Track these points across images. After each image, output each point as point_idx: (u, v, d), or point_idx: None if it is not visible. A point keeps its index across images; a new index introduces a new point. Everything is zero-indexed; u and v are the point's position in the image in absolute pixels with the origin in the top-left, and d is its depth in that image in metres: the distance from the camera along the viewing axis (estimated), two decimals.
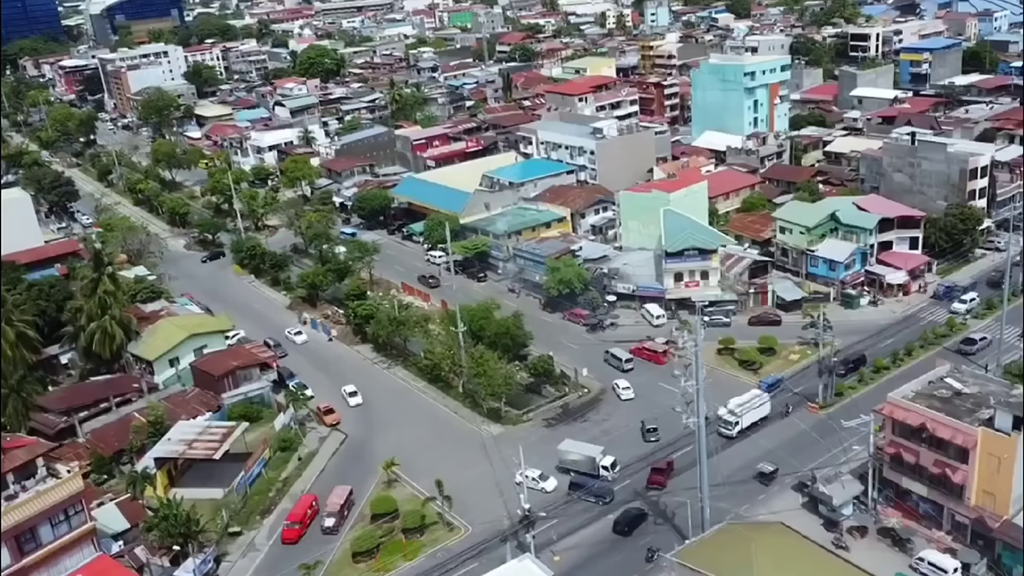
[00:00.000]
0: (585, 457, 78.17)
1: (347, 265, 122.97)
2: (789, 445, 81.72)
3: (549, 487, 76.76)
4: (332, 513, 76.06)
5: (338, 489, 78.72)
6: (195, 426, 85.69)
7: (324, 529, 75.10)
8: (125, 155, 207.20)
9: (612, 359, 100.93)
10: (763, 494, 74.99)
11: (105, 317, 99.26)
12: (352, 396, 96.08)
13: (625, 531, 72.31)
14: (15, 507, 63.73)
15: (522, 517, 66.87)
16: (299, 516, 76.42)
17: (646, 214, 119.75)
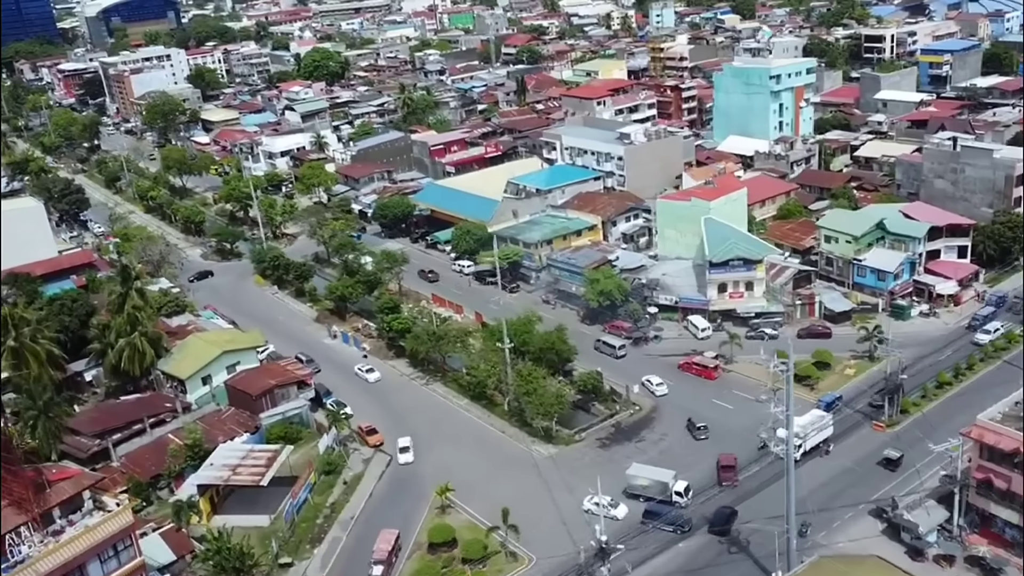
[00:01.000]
0: (657, 482, 74.88)
1: (377, 276, 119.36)
2: (857, 467, 78.60)
3: (620, 514, 73.37)
4: (380, 560, 70.10)
5: (384, 533, 72.95)
6: (237, 449, 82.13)
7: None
8: (132, 161, 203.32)
9: (604, 346, 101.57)
10: (838, 521, 71.78)
11: (135, 334, 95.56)
12: (403, 452, 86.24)
13: (721, 530, 71.09)
14: (64, 544, 60.09)
15: (598, 549, 63.50)
16: None
17: (684, 223, 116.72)
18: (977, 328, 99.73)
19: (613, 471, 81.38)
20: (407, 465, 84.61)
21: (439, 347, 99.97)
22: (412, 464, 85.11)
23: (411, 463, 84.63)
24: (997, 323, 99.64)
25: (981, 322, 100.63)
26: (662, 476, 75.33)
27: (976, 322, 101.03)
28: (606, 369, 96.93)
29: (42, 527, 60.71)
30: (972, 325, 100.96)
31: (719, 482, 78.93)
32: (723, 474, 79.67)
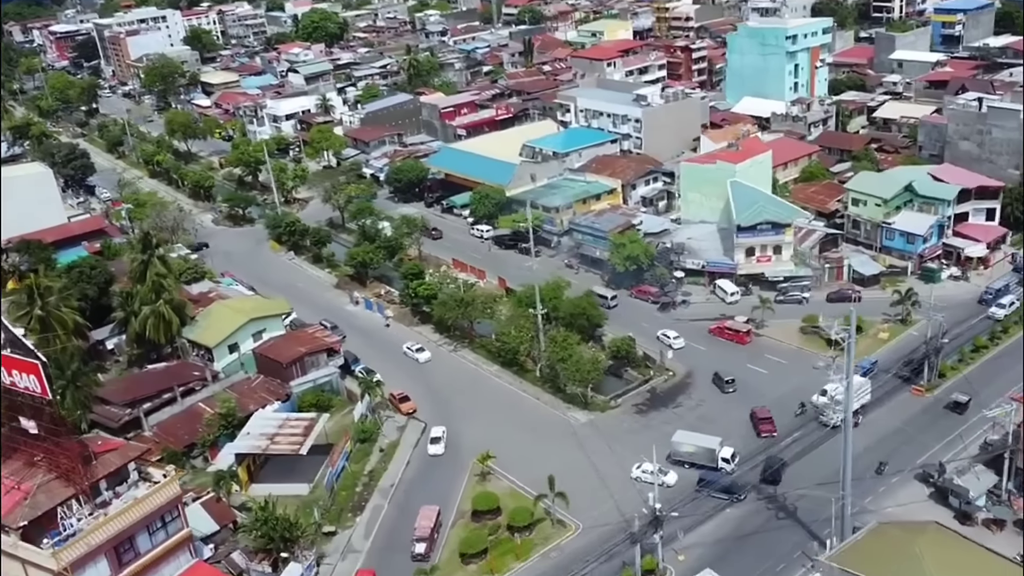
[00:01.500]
0: (703, 449, 74.29)
1: (398, 242, 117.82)
2: (900, 432, 78.23)
3: (671, 481, 72.86)
4: (422, 538, 68.80)
5: (425, 510, 71.50)
6: (273, 418, 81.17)
7: (414, 556, 68.11)
8: (134, 125, 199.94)
9: (598, 298, 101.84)
10: (884, 486, 71.51)
11: (159, 301, 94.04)
12: (434, 443, 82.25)
13: (774, 479, 72.67)
14: (115, 516, 59.29)
15: (651, 516, 63.04)
16: None
17: (709, 186, 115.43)
18: (991, 302, 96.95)
19: (653, 437, 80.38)
20: (436, 457, 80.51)
21: (467, 313, 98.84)
22: (451, 431, 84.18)
23: (440, 455, 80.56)
24: (1012, 296, 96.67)
25: (993, 296, 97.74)
26: (709, 443, 74.79)
27: (988, 295, 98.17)
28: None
29: (90, 499, 59.86)
30: (984, 299, 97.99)
31: (757, 434, 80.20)
32: (761, 426, 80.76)
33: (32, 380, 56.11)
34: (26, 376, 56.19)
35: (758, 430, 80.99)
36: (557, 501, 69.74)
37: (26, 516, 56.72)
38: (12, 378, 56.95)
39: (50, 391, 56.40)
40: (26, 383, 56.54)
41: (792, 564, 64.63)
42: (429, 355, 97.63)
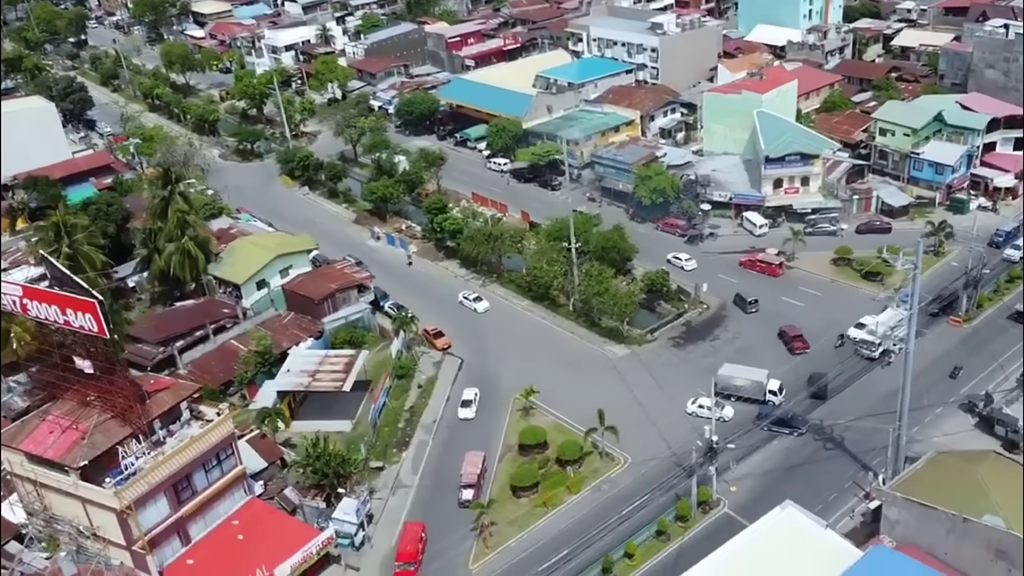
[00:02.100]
0: (752, 382, 74.18)
1: (418, 176, 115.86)
2: (940, 363, 78.36)
3: (728, 415, 72.86)
4: (469, 484, 67.89)
5: (471, 456, 70.44)
6: (312, 355, 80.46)
7: (461, 503, 67.28)
8: (127, 58, 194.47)
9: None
10: (929, 416, 71.86)
11: (184, 238, 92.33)
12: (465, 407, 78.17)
13: (821, 395, 74.27)
14: (174, 454, 58.79)
15: (707, 448, 63.18)
16: (412, 554, 62.87)
17: (733, 117, 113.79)
18: (1002, 245, 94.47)
19: (692, 370, 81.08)
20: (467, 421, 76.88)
21: (496, 247, 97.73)
22: (488, 367, 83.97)
23: (471, 419, 76.93)
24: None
25: (1004, 239, 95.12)
26: (756, 375, 74.71)
27: (999, 238, 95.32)
28: None
29: (147, 439, 59.24)
30: (994, 242, 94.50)
31: (791, 352, 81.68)
32: (794, 343, 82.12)
33: (88, 319, 54.88)
34: (81, 315, 54.93)
35: (791, 347, 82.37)
36: (606, 435, 69.71)
37: (86, 456, 56.09)
38: (66, 317, 55.63)
39: (107, 329, 55.18)
40: (81, 322, 55.30)
41: (844, 493, 65.22)
42: (488, 305, 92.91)
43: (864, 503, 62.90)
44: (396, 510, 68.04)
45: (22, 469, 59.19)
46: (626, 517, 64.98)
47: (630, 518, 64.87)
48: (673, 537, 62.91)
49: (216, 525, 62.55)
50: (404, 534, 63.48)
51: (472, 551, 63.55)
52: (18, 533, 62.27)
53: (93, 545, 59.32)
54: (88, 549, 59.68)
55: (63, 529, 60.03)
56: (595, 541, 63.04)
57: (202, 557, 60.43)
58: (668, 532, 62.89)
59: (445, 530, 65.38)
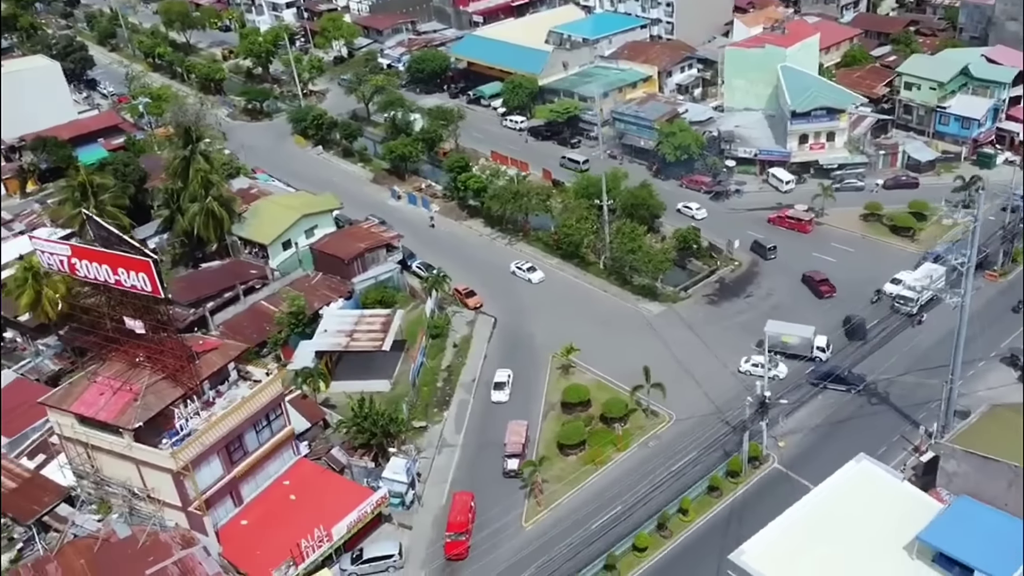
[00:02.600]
0: (801, 339, 73.83)
1: (437, 134, 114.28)
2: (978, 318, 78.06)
3: (782, 374, 72.46)
4: (515, 454, 66.44)
5: (514, 425, 68.79)
6: (348, 315, 79.67)
7: (507, 473, 65.95)
8: (124, 16, 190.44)
9: (570, 163, 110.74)
10: (972, 370, 71.84)
11: (208, 198, 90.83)
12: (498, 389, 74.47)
13: (861, 336, 76.00)
14: (227, 415, 58.17)
15: (759, 404, 63.09)
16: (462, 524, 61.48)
17: (756, 72, 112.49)
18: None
19: (728, 327, 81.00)
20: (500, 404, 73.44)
21: (522, 205, 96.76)
22: (522, 326, 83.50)
23: (504, 403, 73.60)
24: None
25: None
26: (804, 332, 74.35)
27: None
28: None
29: (198, 399, 58.58)
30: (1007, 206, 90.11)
31: (818, 296, 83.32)
32: (821, 287, 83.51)
33: (142, 278, 53.84)
34: (135, 274, 53.87)
35: (818, 292, 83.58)
36: (651, 392, 69.49)
37: (140, 417, 55.35)
38: (118, 276, 54.57)
39: (161, 288, 54.20)
40: (134, 281, 54.27)
41: (893, 447, 65.36)
42: (543, 275, 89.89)
43: (915, 456, 63.07)
44: (443, 469, 67.78)
45: (72, 432, 58.45)
46: (676, 473, 64.92)
47: (680, 474, 64.79)
48: (725, 493, 62.91)
49: (267, 485, 62.20)
50: (453, 504, 62.48)
51: (524, 509, 63.37)
52: (68, 495, 61.66)
53: (146, 507, 58.85)
54: (141, 511, 59.23)
55: (115, 491, 59.51)
56: (648, 498, 62.96)
57: (255, 517, 60.11)
58: (720, 488, 62.86)
59: (494, 489, 65.15)
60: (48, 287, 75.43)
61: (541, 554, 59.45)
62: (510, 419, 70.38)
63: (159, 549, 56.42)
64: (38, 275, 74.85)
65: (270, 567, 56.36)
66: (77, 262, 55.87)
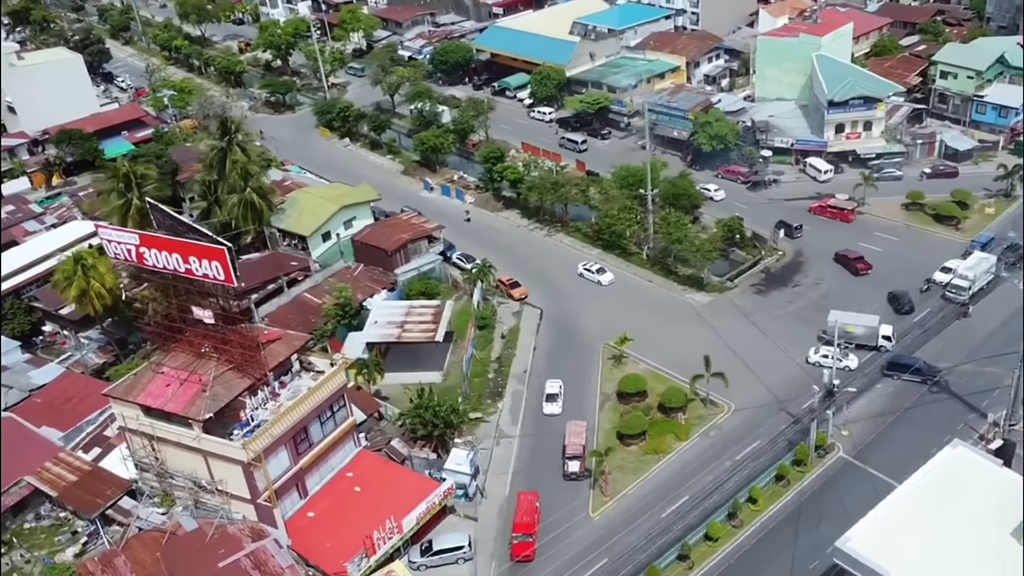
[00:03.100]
0: (866, 328, 73.04)
1: (469, 125, 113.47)
2: None
3: (853, 364, 71.74)
4: (576, 456, 64.12)
5: (573, 426, 66.57)
6: (397, 306, 78.97)
7: (568, 475, 63.88)
8: (135, 9, 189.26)
9: (568, 143, 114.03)
10: None
11: (247, 189, 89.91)
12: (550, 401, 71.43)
13: (909, 310, 77.74)
14: (295, 406, 57.44)
15: (826, 393, 62.56)
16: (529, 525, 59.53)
17: (789, 61, 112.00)
18: None
19: (779, 316, 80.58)
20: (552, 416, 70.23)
21: (561, 196, 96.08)
22: (569, 316, 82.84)
23: (557, 415, 70.25)
24: None
25: None
26: (869, 321, 73.62)
27: None
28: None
29: (265, 390, 57.82)
30: None
31: (854, 274, 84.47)
32: (856, 265, 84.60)
33: (215, 266, 53.07)
34: (207, 262, 53.07)
35: (854, 270, 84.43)
36: (712, 381, 68.92)
37: (210, 408, 54.62)
38: (189, 265, 53.76)
39: (235, 277, 53.42)
40: (206, 270, 53.47)
41: (958, 436, 64.49)
42: (612, 277, 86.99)
43: (981, 444, 62.60)
44: (503, 460, 67.10)
45: (136, 423, 57.63)
46: (741, 463, 64.43)
47: (744, 463, 64.32)
48: (793, 482, 62.40)
49: (330, 477, 61.54)
50: (519, 504, 60.91)
51: (590, 500, 62.77)
52: (129, 488, 60.85)
53: (212, 499, 58.10)
54: (206, 504, 58.49)
55: (179, 484, 58.75)
56: (714, 487, 62.48)
57: (322, 509, 59.43)
58: (788, 477, 62.36)
59: (556, 479, 64.45)
60: (95, 279, 74.42)
61: (612, 544, 58.87)
62: (568, 417, 69.25)
63: (229, 542, 55.73)
64: (86, 267, 73.85)
65: (341, 559, 55.62)
66: (146, 251, 55.00)
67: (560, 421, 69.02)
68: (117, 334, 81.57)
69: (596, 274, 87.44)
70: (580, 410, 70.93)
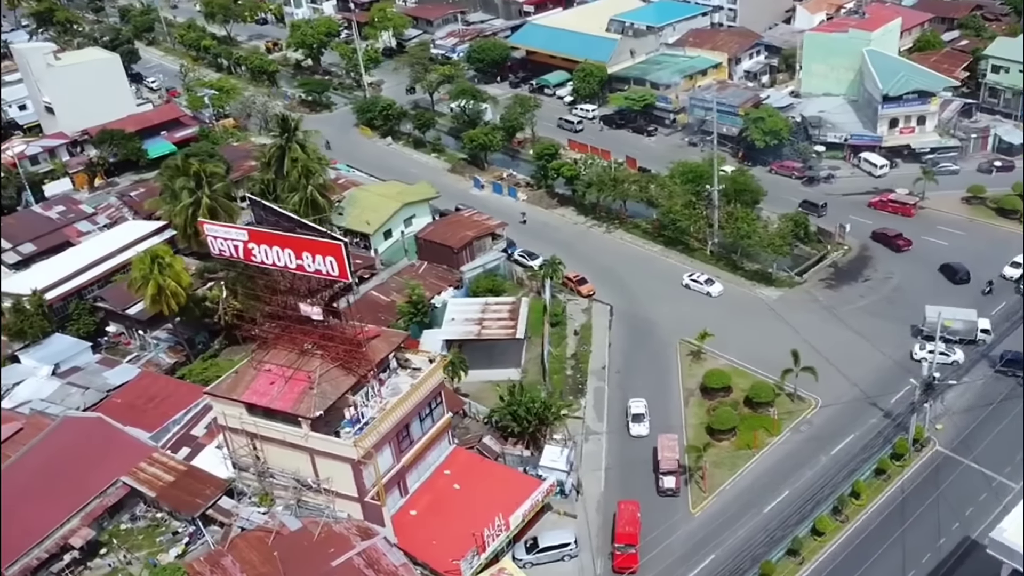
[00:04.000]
0: (965, 322, 72.32)
1: (518, 122, 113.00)
2: None
3: (960, 359, 71.33)
4: (670, 471, 61.90)
5: (665, 440, 64.05)
6: (472, 303, 78.37)
7: (662, 491, 61.88)
8: (155, 9, 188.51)
9: (565, 123, 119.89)
10: None
11: (309, 187, 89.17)
12: (637, 421, 68.48)
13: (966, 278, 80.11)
14: (399, 403, 56.86)
15: (925, 386, 62.27)
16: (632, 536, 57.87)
17: (837, 57, 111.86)
18: None
19: (855, 311, 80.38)
20: (639, 438, 67.37)
21: (621, 192, 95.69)
22: (639, 313, 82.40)
23: (645, 436, 67.36)
24: None
25: None
26: (968, 315, 72.99)
27: None
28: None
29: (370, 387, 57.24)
30: None
31: (896, 250, 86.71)
32: (897, 242, 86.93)
33: (329, 262, 52.46)
34: (321, 258, 52.45)
35: (895, 247, 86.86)
36: (802, 376, 68.53)
37: (320, 406, 53.94)
38: (301, 261, 53.13)
39: (349, 272, 52.86)
40: (319, 265, 52.86)
41: None
42: (722, 288, 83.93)
43: None
44: (594, 456, 66.64)
45: (239, 422, 56.93)
46: (836, 457, 64.13)
47: (841, 458, 64.00)
48: (893, 476, 62.03)
49: (428, 475, 60.95)
50: (620, 514, 58.68)
51: (689, 496, 62.31)
52: (228, 488, 60.14)
53: (315, 498, 57.44)
54: (308, 503, 57.83)
55: (281, 483, 58.07)
56: (814, 482, 62.14)
57: (424, 507, 58.86)
58: (888, 471, 62.00)
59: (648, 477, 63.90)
60: (170, 277, 73.71)
61: (716, 539, 58.52)
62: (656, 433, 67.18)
63: (337, 541, 55.09)
64: (162, 267, 73.14)
65: (450, 557, 55.06)
66: (255, 247, 54.26)
67: (648, 442, 66.43)
68: (185, 333, 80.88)
69: (704, 285, 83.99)
70: (665, 407, 70.56)
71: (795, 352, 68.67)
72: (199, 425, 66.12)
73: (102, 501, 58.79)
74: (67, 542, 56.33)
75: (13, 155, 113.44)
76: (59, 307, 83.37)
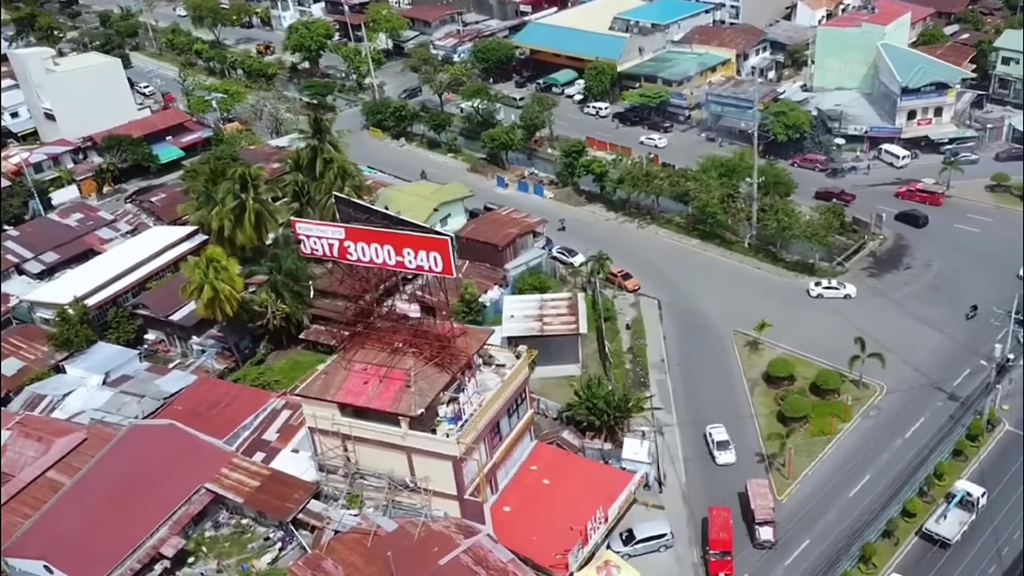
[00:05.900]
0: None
1: (539, 120, 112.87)
2: None
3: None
4: (767, 521, 57.00)
5: (755, 487, 59.34)
6: (529, 300, 77.92)
7: (757, 543, 57.46)
8: (135, 15, 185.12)
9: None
10: None
11: (345, 188, 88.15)
12: (722, 449, 65.08)
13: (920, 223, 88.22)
14: (493, 400, 56.36)
15: (999, 368, 63.36)
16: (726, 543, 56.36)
17: (850, 51, 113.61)
18: None
19: (899, 298, 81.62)
20: (728, 466, 64.19)
21: (654, 188, 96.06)
22: (688, 306, 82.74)
23: (733, 464, 64.23)
24: None
25: None
26: None
27: None
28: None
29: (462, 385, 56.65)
30: None
31: (845, 204, 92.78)
32: (841, 197, 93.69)
33: (433, 258, 51.83)
34: (424, 254, 51.78)
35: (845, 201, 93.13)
36: (868, 362, 69.28)
37: (420, 404, 53.23)
38: (402, 257, 52.41)
39: (454, 268, 52.24)
40: (421, 261, 52.19)
41: None
42: (854, 289, 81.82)
43: None
44: (670, 447, 66.59)
45: (331, 423, 55.94)
46: (911, 440, 65.01)
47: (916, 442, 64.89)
48: (970, 457, 62.99)
49: (515, 471, 60.48)
50: (712, 520, 57.21)
51: (772, 482, 62.58)
52: (316, 491, 59.02)
53: (409, 498, 56.63)
54: (401, 503, 57.00)
55: (373, 484, 57.18)
56: (893, 465, 62.91)
57: (516, 503, 58.37)
58: (964, 452, 62.96)
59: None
60: (225, 282, 72.27)
61: (809, 524, 58.91)
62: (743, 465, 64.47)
63: (439, 540, 54.37)
64: (218, 271, 71.66)
65: (551, 552, 54.70)
66: (351, 245, 53.43)
67: (736, 472, 63.48)
68: (232, 339, 79.36)
69: (840, 288, 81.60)
70: (731, 398, 70.87)
71: (861, 340, 69.43)
72: (270, 429, 64.91)
73: (188, 509, 57.29)
74: (158, 551, 54.82)
75: (20, 162, 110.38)
76: (95, 315, 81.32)
